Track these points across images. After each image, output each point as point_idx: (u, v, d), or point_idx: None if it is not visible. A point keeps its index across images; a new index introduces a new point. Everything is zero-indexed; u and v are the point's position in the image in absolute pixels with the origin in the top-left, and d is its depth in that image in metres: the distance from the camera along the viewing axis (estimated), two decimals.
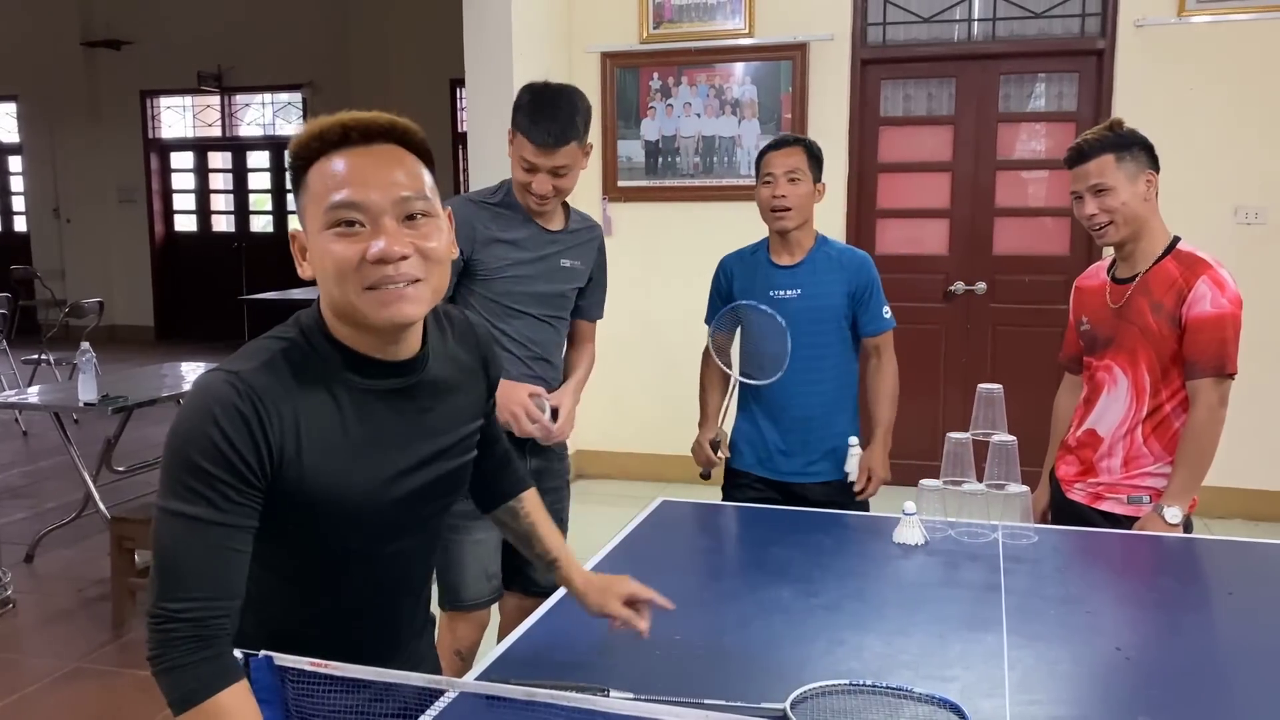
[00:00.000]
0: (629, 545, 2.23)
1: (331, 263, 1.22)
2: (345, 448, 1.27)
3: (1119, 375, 2.39)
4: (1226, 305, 2.27)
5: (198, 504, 1.18)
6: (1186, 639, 1.74)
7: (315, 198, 1.23)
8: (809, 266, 2.70)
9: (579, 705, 1.23)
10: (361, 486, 1.29)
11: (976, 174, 5.16)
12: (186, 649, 1.16)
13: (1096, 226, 2.37)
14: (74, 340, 5.37)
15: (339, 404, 1.27)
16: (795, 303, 2.66)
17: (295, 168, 1.26)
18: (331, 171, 1.23)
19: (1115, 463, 2.41)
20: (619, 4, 5.30)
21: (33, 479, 5.85)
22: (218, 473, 1.18)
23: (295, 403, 1.24)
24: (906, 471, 2.78)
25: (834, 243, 2.78)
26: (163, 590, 1.18)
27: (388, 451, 1.31)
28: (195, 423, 1.19)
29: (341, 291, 1.23)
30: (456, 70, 4.96)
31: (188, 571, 1.18)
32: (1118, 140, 2.35)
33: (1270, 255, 4.60)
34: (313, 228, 1.24)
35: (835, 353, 2.70)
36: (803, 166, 2.63)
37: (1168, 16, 4.68)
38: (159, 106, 11.25)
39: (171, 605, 1.17)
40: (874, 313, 2.73)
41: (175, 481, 1.19)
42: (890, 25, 5.14)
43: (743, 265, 2.77)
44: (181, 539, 1.18)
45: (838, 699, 1.45)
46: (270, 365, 1.25)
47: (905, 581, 2.01)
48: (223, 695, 1.17)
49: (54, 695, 3.30)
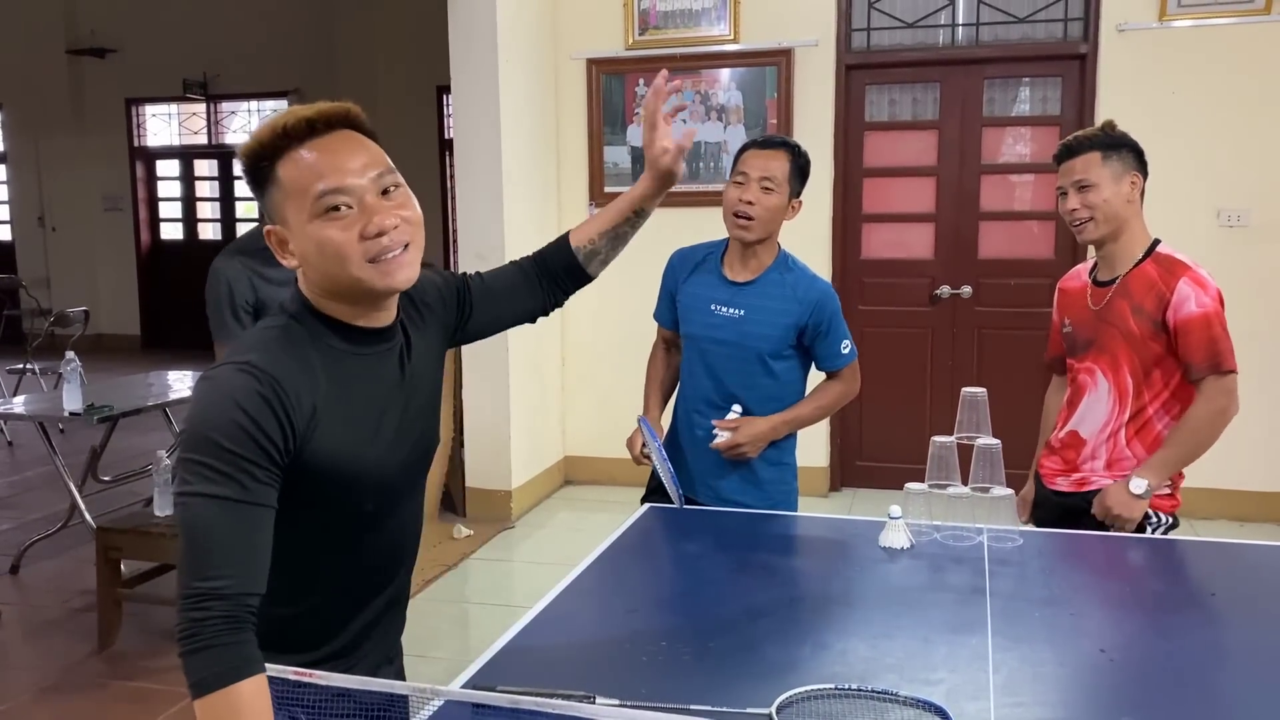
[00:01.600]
0: (615, 550, 2.23)
1: (331, 246, 1.29)
2: (353, 415, 1.35)
3: (1100, 378, 2.41)
4: (1209, 303, 2.29)
5: (226, 485, 1.22)
6: (1170, 640, 1.75)
7: (296, 191, 1.29)
8: (760, 289, 2.49)
9: (565, 712, 1.24)
10: (373, 448, 1.37)
11: (961, 178, 5.18)
12: (219, 628, 1.18)
13: (1076, 222, 2.40)
14: (59, 349, 5.35)
15: (340, 375, 1.35)
16: (735, 325, 2.47)
17: (259, 167, 1.31)
18: (307, 163, 1.29)
19: (1099, 465, 2.43)
20: (604, 10, 5.31)
21: (18, 489, 5.82)
22: (245, 454, 1.23)
23: (306, 380, 1.31)
24: (891, 475, 2.79)
25: (798, 266, 2.53)
26: (195, 570, 1.20)
27: (388, 412, 1.40)
28: (218, 411, 1.24)
29: (343, 270, 1.30)
30: (443, 77, 4.97)
31: (219, 549, 1.21)
32: (1106, 140, 2.38)
33: (1252, 257, 4.63)
34: (298, 219, 1.30)
35: (764, 384, 2.50)
36: (782, 175, 2.42)
37: (1149, 21, 4.72)
38: (144, 114, 11.21)
39: (205, 584, 1.19)
40: (833, 349, 2.54)
41: (202, 467, 1.22)
42: (875, 31, 5.16)
43: (692, 268, 2.60)
44: (212, 519, 1.21)
45: (824, 703, 1.45)
46: (276, 350, 1.31)
47: (890, 585, 2.01)
48: (245, 684, 1.19)
49: (40, 707, 3.28)
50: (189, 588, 1.20)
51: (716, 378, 2.53)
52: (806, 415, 2.58)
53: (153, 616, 3.87)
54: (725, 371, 2.52)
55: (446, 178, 9.74)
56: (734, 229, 2.46)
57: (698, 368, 2.57)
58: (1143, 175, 2.40)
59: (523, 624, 1.81)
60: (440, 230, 10.21)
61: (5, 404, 4.88)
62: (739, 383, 2.51)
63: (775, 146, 2.47)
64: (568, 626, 1.81)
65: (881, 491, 5.17)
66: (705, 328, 2.53)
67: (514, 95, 4.83)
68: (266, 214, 1.35)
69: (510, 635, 1.75)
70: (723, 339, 2.50)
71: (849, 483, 5.44)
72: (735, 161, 2.50)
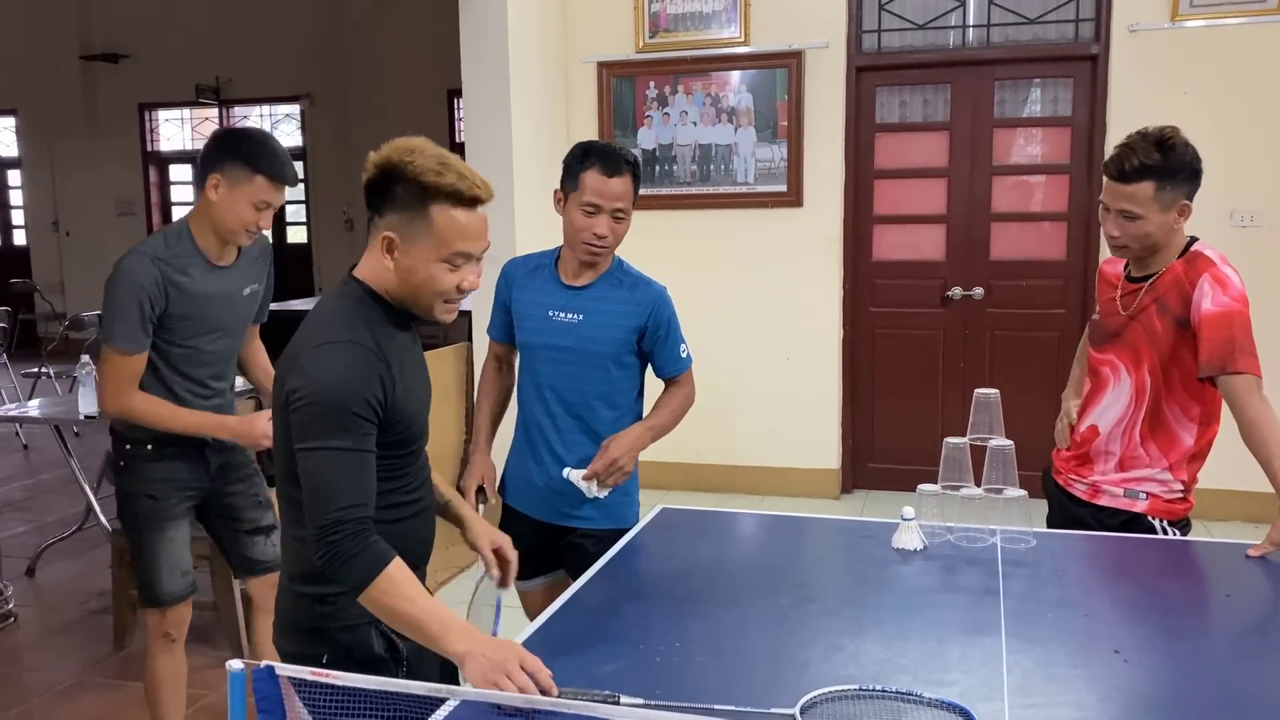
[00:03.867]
0: (629, 552, 2.24)
1: (435, 284, 1.66)
2: (409, 375, 1.72)
3: (1122, 373, 2.37)
4: (1230, 302, 2.21)
5: (348, 439, 1.57)
6: (1184, 641, 1.75)
7: (440, 237, 1.63)
8: (597, 292, 2.38)
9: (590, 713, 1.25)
10: (421, 399, 1.78)
11: (973, 179, 5.17)
12: (356, 540, 1.53)
13: (1114, 245, 2.34)
14: (74, 353, 5.39)
15: (398, 345, 1.71)
16: (574, 330, 2.36)
17: (414, 191, 1.62)
18: (460, 224, 1.64)
19: (1111, 462, 2.40)
20: (615, 14, 5.32)
21: (33, 492, 5.86)
22: (362, 414, 1.59)
23: (388, 348, 1.66)
24: (903, 477, 2.78)
25: (630, 269, 2.45)
26: (329, 503, 1.55)
27: (419, 374, 1.80)
28: (345, 382, 1.59)
29: (426, 297, 1.67)
30: (454, 81, 4.98)
31: (345, 486, 1.56)
32: (1164, 168, 2.22)
33: (1266, 258, 4.61)
34: (426, 255, 1.64)
35: (605, 392, 2.39)
36: (629, 199, 2.32)
37: (1161, 21, 4.70)
38: (157, 119, 11.28)
39: (337, 512, 1.54)
40: (673, 353, 2.42)
41: (333, 426, 1.57)
42: (885, 32, 5.16)
43: (526, 274, 2.47)
44: (337, 465, 1.56)
45: (847, 704, 1.45)
46: (365, 325, 1.66)
47: (904, 586, 2.01)
48: (391, 568, 1.54)
49: (56, 709, 3.30)
50: (325, 517, 1.54)
51: (555, 389, 2.39)
52: (666, 423, 2.43)
53: None
54: (565, 380, 2.38)
55: None
56: (585, 255, 2.34)
57: (537, 379, 2.42)
58: (1195, 192, 2.28)
59: (537, 624, 1.82)
60: None
61: (21, 407, 4.91)
62: (579, 391, 2.38)
63: (622, 172, 2.31)
64: (581, 627, 1.81)
65: (893, 493, 5.16)
66: (543, 334, 2.40)
67: (525, 99, 4.85)
68: (385, 223, 1.65)
69: (524, 636, 1.76)
70: (563, 345, 2.37)
71: (861, 485, 5.43)
72: (576, 176, 2.33)
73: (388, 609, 1.54)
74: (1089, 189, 4.90)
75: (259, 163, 2.44)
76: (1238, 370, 2.18)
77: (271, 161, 2.45)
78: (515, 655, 1.44)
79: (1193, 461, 2.37)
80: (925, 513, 2.21)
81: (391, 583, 1.53)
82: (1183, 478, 2.36)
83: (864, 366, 5.39)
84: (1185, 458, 2.35)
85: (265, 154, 2.45)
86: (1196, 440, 2.35)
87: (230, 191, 2.45)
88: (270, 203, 2.48)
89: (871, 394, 5.41)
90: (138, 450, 2.59)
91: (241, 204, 2.45)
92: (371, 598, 1.54)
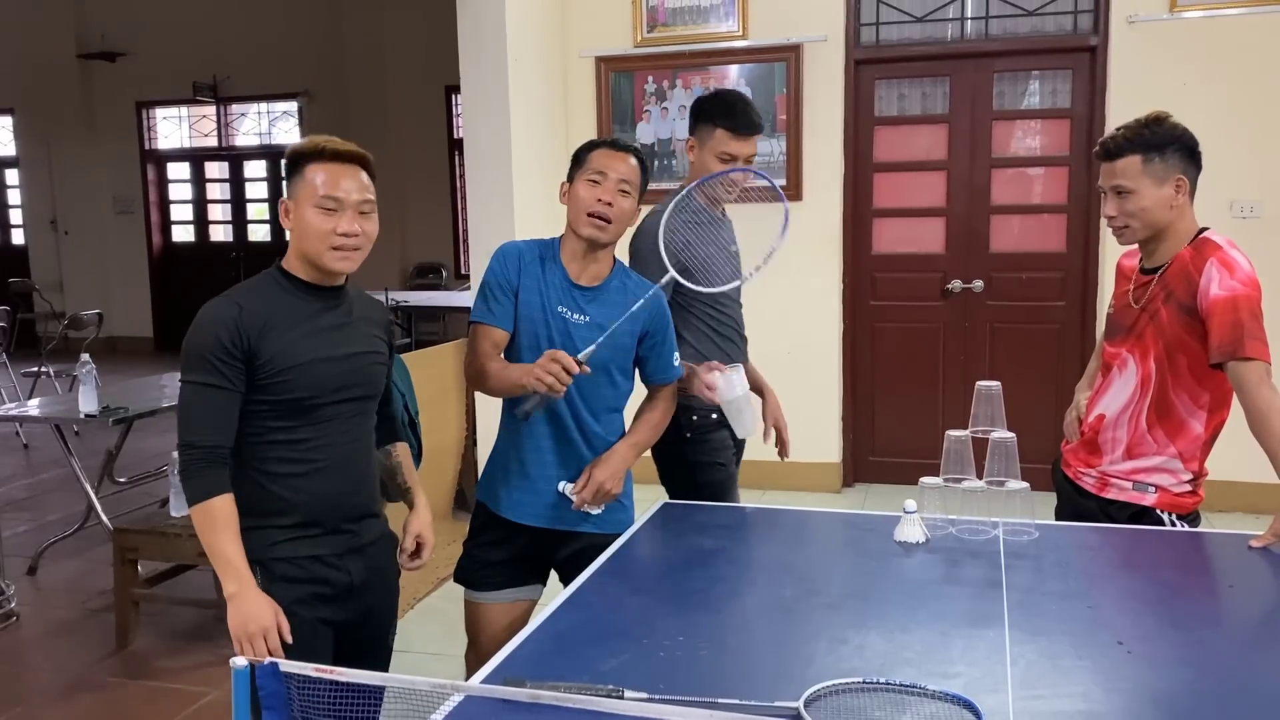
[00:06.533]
0: (632, 547, 2.24)
1: (314, 229, 1.90)
2: (298, 333, 1.92)
3: (1130, 363, 2.36)
4: (1237, 286, 2.19)
5: (204, 376, 1.85)
6: (1188, 632, 1.74)
7: (309, 185, 1.90)
8: (606, 294, 2.31)
9: (595, 707, 1.24)
10: (309, 354, 1.92)
11: (972, 172, 5.17)
12: (199, 466, 1.85)
13: (1115, 228, 2.33)
14: (73, 352, 5.38)
15: (293, 310, 1.93)
16: (584, 330, 2.27)
17: (294, 163, 1.94)
18: (326, 173, 1.91)
19: (1119, 450, 2.39)
20: (613, 8, 5.31)
21: (34, 491, 5.86)
22: (221, 356, 1.84)
23: (266, 308, 1.90)
24: (905, 470, 2.78)
25: (633, 273, 2.41)
26: (183, 431, 1.86)
27: (321, 336, 1.95)
28: (199, 328, 1.86)
29: (313, 246, 1.91)
30: (452, 77, 4.97)
31: (196, 415, 1.86)
32: (1149, 140, 2.24)
33: (1267, 248, 4.58)
34: (304, 206, 1.90)
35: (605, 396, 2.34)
36: (634, 180, 2.28)
37: (1160, 12, 4.70)
38: (155, 117, 11.26)
39: (189, 437, 1.85)
40: (667, 360, 2.39)
41: (192, 363, 1.85)
42: (883, 25, 5.15)
43: (534, 263, 2.33)
44: (191, 398, 1.86)
45: (851, 697, 1.45)
46: (252, 291, 1.94)
47: (907, 579, 2.01)
48: (215, 501, 1.84)
49: (58, 708, 3.30)
50: (182, 440, 1.85)
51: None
52: (649, 439, 2.42)
53: (170, 617, 3.90)
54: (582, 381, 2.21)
55: (456, 178, 9.75)
56: (587, 229, 2.26)
57: None
58: (1194, 172, 2.28)
59: (539, 621, 1.82)
60: (450, 230, 10.22)
61: (21, 407, 4.90)
62: (581, 395, 2.29)
63: (626, 149, 2.30)
64: (583, 622, 1.81)
65: (895, 486, 5.15)
66: (549, 329, 2.29)
67: (523, 94, 4.84)
68: (287, 193, 1.93)
69: (527, 632, 1.76)
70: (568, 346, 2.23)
71: (862, 478, 5.43)
72: (583, 159, 2.31)
73: (200, 534, 1.85)
74: (1089, 181, 4.90)
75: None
76: (1246, 356, 2.17)
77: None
78: (272, 623, 1.81)
79: (1204, 449, 2.35)
80: (927, 506, 2.21)
81: (207, 514, 1.83)
82: (1193, 467, 2.35)
83: (865, 360, 5.39)
84: (1196, 445, 2.34)
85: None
86: (1206, 427, 2.33)
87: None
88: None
89: (872, 387, 5.41)
90: (704, 420, 2.67)
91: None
92: (195, 519, 1.86)
